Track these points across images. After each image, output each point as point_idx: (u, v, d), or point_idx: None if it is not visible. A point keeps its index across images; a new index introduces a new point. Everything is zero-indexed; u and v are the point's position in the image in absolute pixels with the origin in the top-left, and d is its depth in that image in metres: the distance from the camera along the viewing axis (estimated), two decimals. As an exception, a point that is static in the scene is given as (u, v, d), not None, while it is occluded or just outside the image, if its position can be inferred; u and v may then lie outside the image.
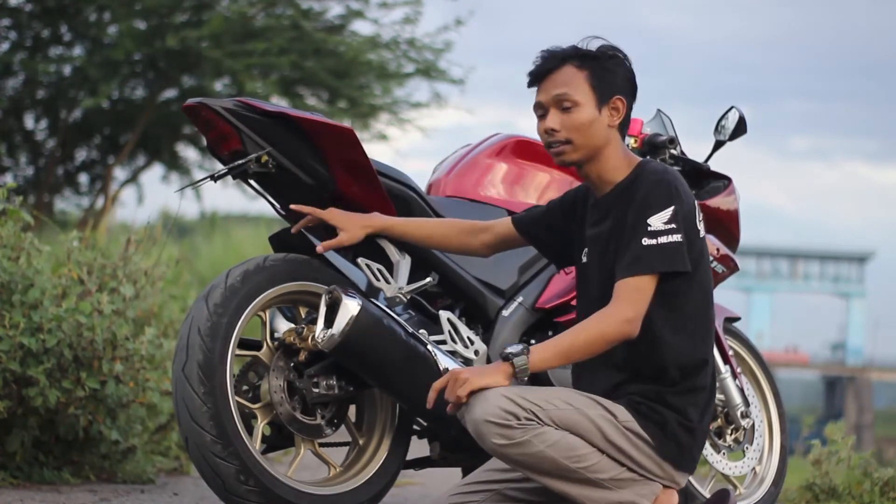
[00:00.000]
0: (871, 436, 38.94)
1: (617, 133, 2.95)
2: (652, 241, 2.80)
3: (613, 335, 2.78)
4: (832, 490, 4.39)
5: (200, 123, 3.21)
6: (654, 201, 2.82)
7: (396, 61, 12.57)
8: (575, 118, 2.90)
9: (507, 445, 2.73)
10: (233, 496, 2.99)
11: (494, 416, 2.71)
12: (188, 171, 13.78)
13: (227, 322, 3.02)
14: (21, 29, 12.20)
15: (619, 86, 2.92)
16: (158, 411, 4.48)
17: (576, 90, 2.90)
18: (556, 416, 2.76)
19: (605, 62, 2.92)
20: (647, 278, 2.80)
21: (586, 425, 2.79)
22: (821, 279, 61.39)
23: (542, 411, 2.75)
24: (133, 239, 4.69)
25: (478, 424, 2.73)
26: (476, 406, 2.74)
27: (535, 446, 2.74)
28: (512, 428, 2.72)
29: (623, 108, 2.93)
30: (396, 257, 3.36)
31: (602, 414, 2.81)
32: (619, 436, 2.81)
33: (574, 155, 2.92)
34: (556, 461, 2.75)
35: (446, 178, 3.70)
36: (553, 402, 2.78)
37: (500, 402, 2.72)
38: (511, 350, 2.76)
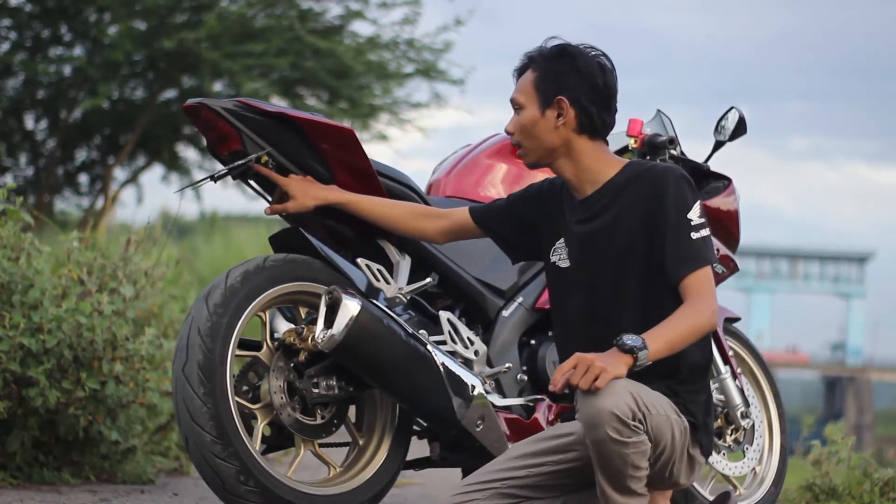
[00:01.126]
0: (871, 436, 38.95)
1: (581, 137, 2.93)
2: (698, 235, 2.84)
3: (706, 328, 2.81)
4: (832, 490, 4.39)
5: (200, 124, 3.21)
6: (686, 198, 2.85)
7: (396, 62, 12.58)
8: (519, 120, 2.95)
9: (615, 441, 2.70)
10: (233, 496, 2.99)
11: (622, 411, 2.68)
12: (188, 172, 13.78)
13: (227, 322, 3.02)
14: (21, 29, 12.20)
15: (564, 86, 2.90)
16: (158, 411, 4.48)
17: (522, 93, 2.95)
18: (654, 423, 2.76)
19: (552, 63, 2.92)
20: (708, 269, 2.84)
21: (668, 432, 2.79)
22: (821, 279, 61.41)
23: (650, 416, 2.75)
24: (133, 239, 4.69)
25: (602, 413, 2.68)
26: (606, 395, 2.68)
27: (630, 449, 2.71)
28: (628, 427, 2.70)
29: (567, 108, 2.90)
30: (396, 257, 3.36)
31: (678, 420, 2.82)
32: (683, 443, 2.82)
33: (529, 157, 2.98)
34: (625, 466, 2.73)
35: (446, 179, 3.70)
36: (657, 406, 2.76)
37: (629, 398, 2.70)
38: (632, 342, 2.71)
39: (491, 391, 3.37)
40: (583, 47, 2.94)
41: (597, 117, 2.92)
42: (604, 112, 2.93)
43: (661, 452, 2.80)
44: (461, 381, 3.19)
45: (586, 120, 2.92)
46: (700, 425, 2.88)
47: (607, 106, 2.94)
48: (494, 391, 3.39)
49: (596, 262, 2.94)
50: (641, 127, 3.84)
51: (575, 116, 2.91)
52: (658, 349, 2.74)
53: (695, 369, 2.90)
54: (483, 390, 3.26)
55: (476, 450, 3.30)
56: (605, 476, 2.76)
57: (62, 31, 12.34)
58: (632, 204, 2.89)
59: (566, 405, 3.47)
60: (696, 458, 2.89)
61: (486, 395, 3.27)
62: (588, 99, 2.91)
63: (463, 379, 3.20)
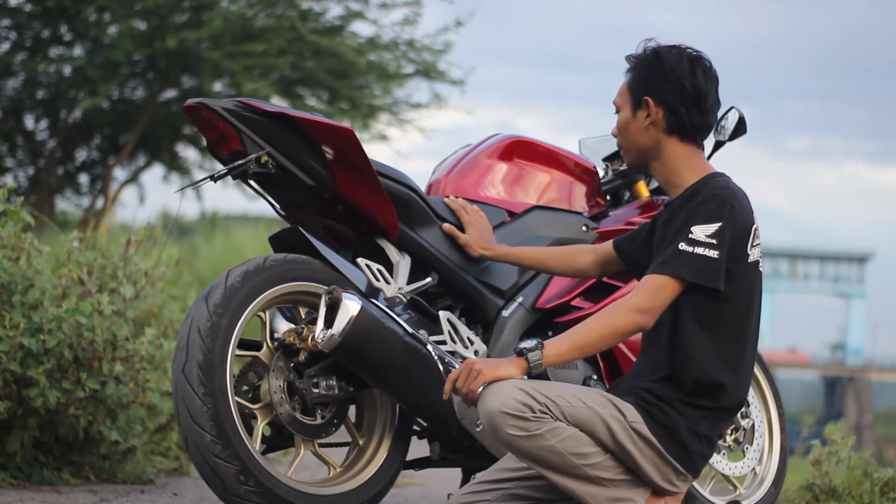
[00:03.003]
0: (871, 436, 38.96)
1: (670, 138, 2.95)
2: (688, 248, 2.82)
3: (624, 326, 2.80)
4: (832, 490, 4.39)
5: (200, 124, 3.21)
6: (703, 212, 2.84)
7: (396, 62, 12.57)
8: (619, 121, 3.02)
9: (522, 437, 2.74)
10: (233, 496, 2.99)
11: (510, 407, 2.73)
12: (188, 172, 13.77)
13: (227, 322, 3.02)
14: (21, 29, 12.18)
15: (651, 86, 2.94)
16: (158, 412, 4.48)
17: (619, 95, 3.02)
18: (569, 413, 2.78)
19: (643, 66, 2.96)
20: (672, 280, 2.82)
21: (597, 423, 2.81)
22: (821, 279, 61.39)
23: (556, 406, 2.77)
24: (133, 239, 4.68)
25: (493, 415, 2.74)
26: (491, 397, 2.75)
27: (547, 440, 2.75)
28: (527, 420, 2.74)
29: (654, 108, 2.93)
30: (396, 257, 3.36)
31: (612, 413, 2.82)
32: (626, 437, 2.82)
33: (627, 157, 3.04)
34: (563, 456, 2.77)
35: (446, 179, 3.70)
36: (566, 397, 2.80)
37: (516, 393, 2.74)
38: (525, 345, 2.78)
39: (491, 391, 3.36)
40: (679, 48, 2.95)
41: (685, 117, 2.93)
42: (694, 112, 2.93)
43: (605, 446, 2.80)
44: (461, 381, 3.19)
45: (675, 120, 2.93)
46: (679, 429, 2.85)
47: (698, 106, 2.93)
48: (494, 391, 3.39)
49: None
50: (641, 127, 3.83)
51: (663, 117, 2.94)
52: (560, 351, 2.78)
53: (702, 387, 2.87)
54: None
55: (476, 450, 3.30)
56: (557, 473, 2.79)
57: (62, 31, 12.32)
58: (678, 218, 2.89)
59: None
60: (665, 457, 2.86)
61: (486, 395, 3.27)
62: (676, 99, 2.92)
63: (463, 379, 3.19)
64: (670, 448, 2.86)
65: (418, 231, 3.40)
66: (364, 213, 3.28)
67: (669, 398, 2.87)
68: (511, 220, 3.63)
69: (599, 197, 3.83)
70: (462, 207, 3.46)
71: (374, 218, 3.30)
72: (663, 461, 2.86)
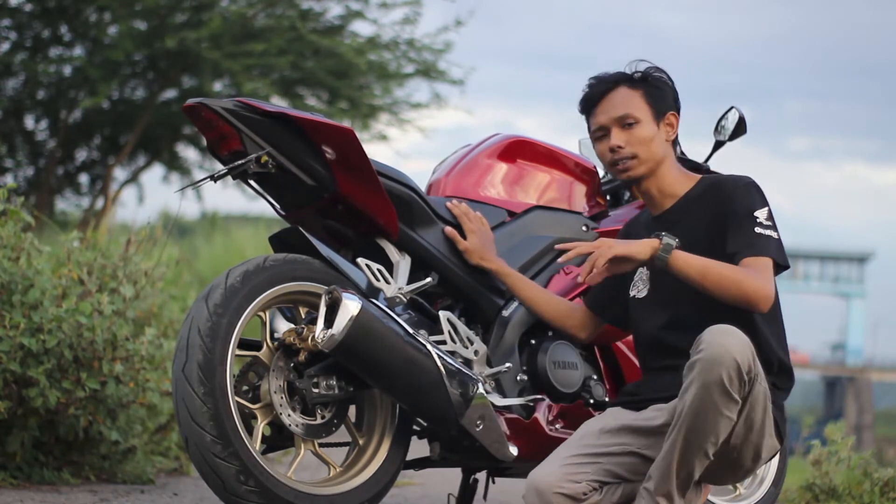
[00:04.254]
0: (871, 436, 38.97)
1: (671, 148, 3.09)
2: (763, 232, 2.90)
3: (751, 291, 2.84)
4: (832, 490, 4.39)
5: (200, 123, 3.21)
6: (753, 200, 2.94)
7: (396, 62, 12.56)
8: (638, 134, 3.04)
9: (723, 392, 2.71)
10: (233, 496, 2.99)
11: (744, 360, 2.72)
12: (188, 172, 13.77)
13: (227, 322, 3.02)
14: (21, 29, 12.18)
15: (669, 103, 3.08)
16: (158, 411, 4.48)
17: (635, 108, 3.05)
18: (756, 392, 2.78)
19: (653, 82, 3.07)
20: (769, 261, 2.89)
21: (759, 409, 2.82)
22: (821, 279, 61.38)
23: (756, 383, 2.79)
24: (133, 239, 4.68)
25: (726, 355, 2.71)
26: (734, 341, 2.73)
27: (725, 410, 2.73)
28: (740, 382, 2.73)
29: (676, 123, 3.08)
30: (396, 257, 3.36)
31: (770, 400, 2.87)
32: (764, 422, 2.86)
33: (640, 169, 3.05)
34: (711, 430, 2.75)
35: (446, 179, 3.70)
36: (762, 376, 2.79)
37: (749, 354, 2.75)
38: (666, 236, 2.83)
39: (491, 391, 3.37)
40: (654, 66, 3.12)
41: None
42: None
43: (751, 424, 2.82)
44: (461, 381, 3.19)
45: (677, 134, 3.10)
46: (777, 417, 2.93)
47: None
48: (494, 391, 3.39)
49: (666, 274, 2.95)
50: (641, 127, 3.83)
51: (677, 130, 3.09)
52: (688, 260, 2.82)
53: (783, 365, 2.97)
54: (483, 390, 3.26)
55: (476, 450, 3.30)
56: (687, 433, 2.76)
57: (62, 31, 12.32)
58: (702, 217, 2.98)
59: (566, 405, 3.47)
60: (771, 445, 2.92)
61: (486, 395, 3.28)
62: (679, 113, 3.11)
63: (463, 379, 3.20)
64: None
65: (418, 231, 3.40)
66: (364, 213, 3.28)
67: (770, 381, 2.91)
68: (511, 220, 3.63)
69: (599, 197, 3.83)
70: (464, 214, 3.46)
71: (374, 218, 3.30)
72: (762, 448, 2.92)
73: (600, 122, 3.08)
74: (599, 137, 3.10)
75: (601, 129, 3.08)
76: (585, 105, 3.12)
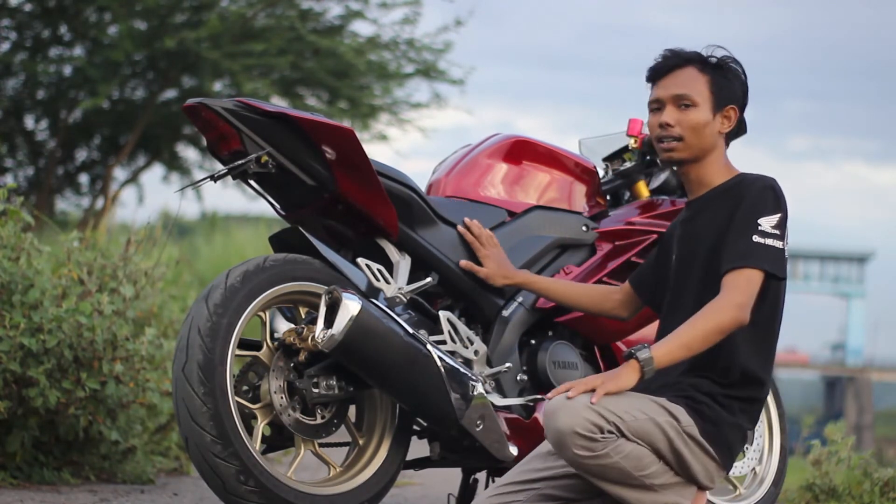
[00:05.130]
0: (871, 436, 38.95)
1: (723, 141, 3.05)
2: (761, 241, 2.87)
3: (728, 323, 2.82)
4: (832, 490, 4.39)
5: (200, 123, 3.21)
6: (764, 204, 2.91)
7: (396, 62, 12.56)
8: (692, 117, 3.00)
9: (588, 457, 2.76)
10: (233, 496, 2.99)
11: (582, 427, 2.74)
12: (188, 172, 13.76)
13: (227, 322, 3.02)
14: (21, 29, 12.18)
15: (734, 96, 3.03)
16: (158, 411, 4.48)
17: (696, 92, 3.00)
18: (634, 427, 2.80)
19: (725, 72, 3.03)
20: (757, 273, 2.87)
21: (658, 435, 2.83)
22: (821, 279, 61.35)
23: (624, 423, 2.78)
24: (133, 239, 4.68)
25: (563, 434, 2.75)
26: (563, 415, 2.75)
27: (611, 458, 2.78)
28: (596, 441, 2.75)
29: (734, 117, 3.03)
30: (396, 257, 3.36)
31: (669, 420, 2.85)
32: (682, 443, 2.86)
33: (683, 153, 3.01)
34: (624, 471, 2.80)
35: (446, 179, 3.70)
36: (632, 412, 2.80)
37: (588, 413, 2.75)
38: (637, 351, 2.79)
39: (491, 391, 3.37)
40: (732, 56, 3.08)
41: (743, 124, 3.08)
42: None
43: (660, 454, 2.82)
44: (461, 381, 3.19)
45: (738, 127, 3.06)
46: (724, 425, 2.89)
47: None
48: (494, 391, 3.39)
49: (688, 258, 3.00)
50: (641, 127, 3.84)
51: (734, 125, 3.04)
52: (670, 349, 2.79)
53: (747, 377, 2.92)
54: (483, 390, 3.26)
55: (476, 450, 3.30)
56: (614, 484, 2.81)
57: (62, 31, 12.31)
58: (719, 212, 2.96)
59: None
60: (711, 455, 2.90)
61: (486, 395, 3.28)
62: (743, 109, 3.07)
63: (463, 379, 3.20)
64: (716, 446, 2.89)
65: (418, 231, 3.40)
66: (364, 213, 3.28)
67: (714, 394, 2.90)
68: (511, 220, 3.62)
69: (599, 197, 3.83)
70: (475, 240, 3.45)
71: (374, 218, 3.30)
72: (710, 458, 2.90)
73: (658, 95, 3.03)
74: (654, 110, 3.05)
75: (657, 101, 3.03)
76: (652, 74, 3.06)
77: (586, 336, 3.64)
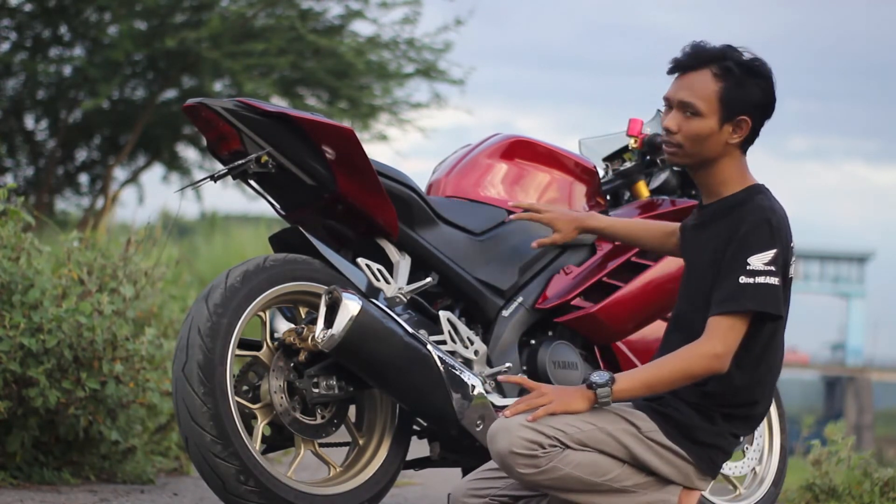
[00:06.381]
0: (871, 436, 38.94)
1: (737, 149, 2.90)
2: (749, 280, 2.79)
3: (698, 370, 2.78)
4: (832, 490, 4.39)
5: (200, 123, 3.21)
6: (756, 241, 2.80)
7: (396, 62, 12.56)
8: (693, 127, 2.87)
9: (535, 474, 2.75)
10: (233, 496, 2.99)
11: (519, 446, 2.73)
12: (188, 172, 13.76)
13: (227, 322, 3.02)
14: (21, 29, 12.18)
15: (750, 104, 2.86)
16: (158, 411, 4.48)
17: (703, 101, 2.85)
18: (578, 438, 2.78)
19: (744, 79, 2.85)
20: (738, 317, 2.79)
21: (609, 442, 2.81)
22: (821, 279, 61.37)
23: (566, 435, 2.77)
24: (133, 239, 4.68)
25: (503, 457, 2.75)
26: (500, 437, 2.75)
27: (561, 470, 2.76)
28: (537, 457, 2.74)
29: (748, 127, 2.87)
30: (396, 257, 3.36)
31: (625, 428, 2.82)
32: (643, 448, 2.83)
33: (682, 159, 2.92)
34: (581, 479, 2.78)
35: (446, 178, 3.70)
36: (576, 423, 2.79)
37: (524, 432, 2.74)
38: (595, 379, 2.77)
39: (491, 391, 3.37)
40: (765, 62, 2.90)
41: (759, 132, 2.92)
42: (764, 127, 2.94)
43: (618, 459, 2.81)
44: (461, 381, 3.19)
45: (752, 136, 2.91)
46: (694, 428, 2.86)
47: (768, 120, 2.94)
48: (494, 391, 3.39)
49: (691, 268, 2.97)
50: (641, 127, 3.84)
51: (749, 134, 2.90)
52: (631, 387, 2.78)
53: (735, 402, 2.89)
54: (483, 390, 3.26)
55: (476, 450, 3.29)
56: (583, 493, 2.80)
57: (62, 31, 12.31)
58: (720, 231, 2.88)
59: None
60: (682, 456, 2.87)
61: (486, 395, 3.28)
62: (763, 117, 2.90)
63: (463, 379, 3.20)
64: (687, 447, 2.86)
65: (418, 231, 3.40)
66: (364, 213, 3.28)
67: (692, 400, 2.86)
68: (511, 220, 3.62)
69: (599, 197, 3.83)
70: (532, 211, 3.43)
71: (374, 218, 3.30)
72: (681, 459, 2.87)
73: (669, 95, 2.91)
74: (666, 107, 2.94)
75: (667, 101, 2.92)
76: (671, 69, 2.93)
77: (586, 336, 3.64)
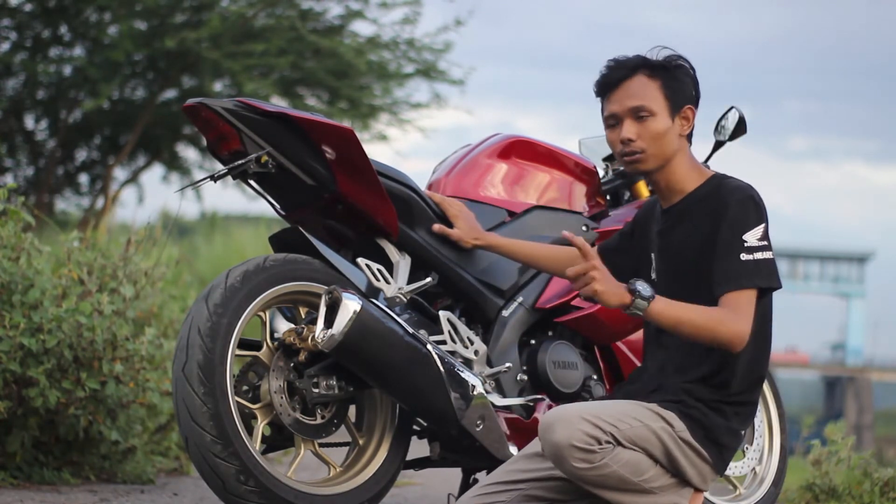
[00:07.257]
0: (871, 436, 38.96)
1: (686, 142, 2.98)
2: (749, 257, 2.82)
3: (723, 338, 2.80)
4: (832, 490, 4.39)
5: (200, 123, 3.21)
6: (747, 218, 2.85)
7: (396, 62, 12.57)
8: (651, 127, 2.92)
9: (587, 469, 2.77)
10: (233, 496, 2.99)
11: (579, 440, 2.75)
12: (188, 172, 13.77)
13: (227, 322, 3.02)
14: (21, 29, 12.18)
15: (688, 94, 2.96)
16: (158, 411, 4.48)
17: (651, 100, 2.92)
18: (630, 435, 2.81)
19: (674, 72, 2.95)
20: (752, 292, 2.83)
21: (653, 441, 2.84)
22: (821, 279, 61.40)
23: (619, 431, 2.80)
24: (133, 239, 4.68)
25: (560, 448, 2.76)
26: (559, 428, 2.76)
27: (610, 467, 2.79)
28: (594, 452, 2.76)
29: (692, 117, 2.96)
30: (396, 257, 3.36)
31: (663, 426, 2.86)
32: (676, 448, 2.87)
33: (650, 163, 2.94)
34: (622, 478, 2.81)
35: (446, 179, 3.70)
36: (626, 420, 2.82)
37: (584, 426, 2.76)
38: (640, 289, 2.75)
39: (491, 391, 3.37)
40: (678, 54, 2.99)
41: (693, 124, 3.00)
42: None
43: (656, 459, 2.83)
44: (461, 380, 3.19)
45: (693, 127, 2.99)
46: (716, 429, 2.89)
47: None
48: (494, 391, 3.39)
49: (671, 272, 2.97)
50: (641, 127, 3.83)
51: (692, 124, 2.97)
52: (662, 311, 2.76)
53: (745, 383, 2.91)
54: (483, 390, 3.26)
55: (476, 450, 3.30)
56: (613, 491, 2.82)
57: (62, 31, 12.32)
58: (702, 221, 2.91)
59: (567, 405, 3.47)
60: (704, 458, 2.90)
61: (486, 395, 3.28)
62: (696, 109, 2.99)
63: (463, 379, 3.20)
64: (709, 449, 2.90)
65: (418, 231, 3.40)
66: (364, 213, 3.28)
67: (708, 399, 2.90)
68: (511, 220, 3.63)
69: (599, 197, 3.83)
70: (443, 202, 3.43)
71: (374, 218, 3.30)
72: (703, 461, 2.90)
73: (613, 111, 2.95)
74: (612, 125, 2.96)
75: (613, 117, 2.95)
76: (601, 89, 2.98)
77: (586, 336, 3.64)
